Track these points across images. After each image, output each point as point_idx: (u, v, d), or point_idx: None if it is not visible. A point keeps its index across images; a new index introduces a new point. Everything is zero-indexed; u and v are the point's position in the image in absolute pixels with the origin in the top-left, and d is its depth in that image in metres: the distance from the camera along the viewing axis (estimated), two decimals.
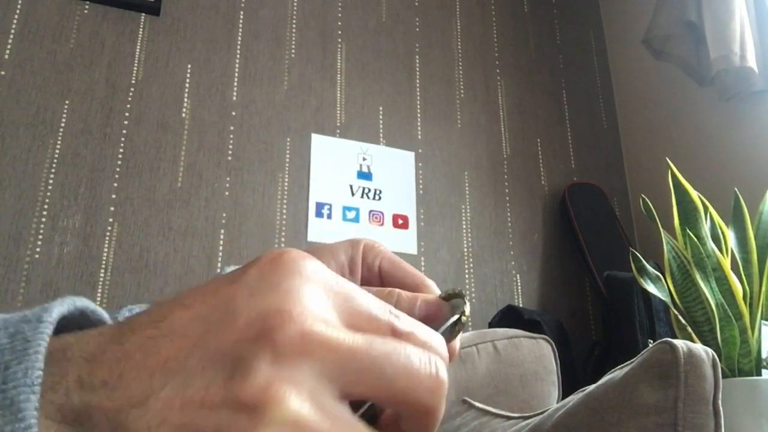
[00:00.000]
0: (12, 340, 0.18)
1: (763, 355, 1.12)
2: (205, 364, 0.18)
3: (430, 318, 0.26)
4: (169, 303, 0.20)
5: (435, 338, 0.22)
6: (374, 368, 0.19)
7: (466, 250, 1.88)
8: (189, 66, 1.73)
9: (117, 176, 1.56)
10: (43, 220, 1.45)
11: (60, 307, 0.19)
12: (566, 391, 1.15)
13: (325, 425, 0.18)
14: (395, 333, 0.21)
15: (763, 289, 1.17)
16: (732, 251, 1.22)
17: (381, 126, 1.91)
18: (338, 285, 0.21)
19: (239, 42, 1.81)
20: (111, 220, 1.51)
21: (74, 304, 0.20)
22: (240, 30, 1.83)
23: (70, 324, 0.21)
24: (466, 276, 1.85)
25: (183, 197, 1.60)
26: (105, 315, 0.23)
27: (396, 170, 1.88)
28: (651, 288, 1.24)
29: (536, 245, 2.00)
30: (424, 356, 0.20)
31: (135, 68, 1.66)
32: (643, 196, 1.33)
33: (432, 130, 1.98)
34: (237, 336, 0.18)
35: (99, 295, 1.44)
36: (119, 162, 1.57)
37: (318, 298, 0.19)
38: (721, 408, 0.65)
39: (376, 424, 0.22)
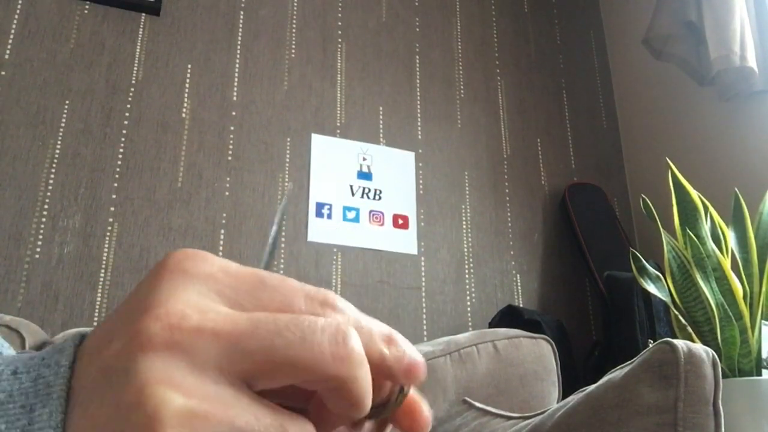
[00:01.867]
0: (35, 384, 0.19)
1: (763, 355, 1.12)
2: (100, 380, 0.18)
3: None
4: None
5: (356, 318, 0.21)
6: (263, 347, 0.18)
7: (466, 250, 1.88)
8: (189, 66, 1.73)
9: (117, 176, 1.56)
10: (43, 220, 1.45)
11: (72, 348, 0.20)
12: (566, 391, 1.15)
13: (216, 413, 0.17)
14: (312, 306, 0.20)
15: (764, 289, 1.17)
16: (732, 251, 1.23)
17: (381, 126, 1.91)
18: (231, 273, 0.20)
19: (239, 42, 1.81)
20: (111, 220, 1.51)
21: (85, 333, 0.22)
22: (240, 30, 1.83)
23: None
24: (466, 276, 1.85)
25: (183, 197, 1.60)
26: None
27: (396, 170, 1.88)
28: (651, 288, 1.24)
29: (536, 245, 2.00)
30: (329, 326, 0.19)
31: (135, 68, 1.66)
32: (643, 196, 1.33)
33: (432, 130, 1.98)
34: (117, 346, 0.18)
35: (99, 295, 1.44)
36: (119, 162, 1.57)
37: (198, 291, 0.19)
38: (721, 408, 0.65)
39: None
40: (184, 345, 0.18)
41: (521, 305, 1.88)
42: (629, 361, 0.73)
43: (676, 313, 1.21)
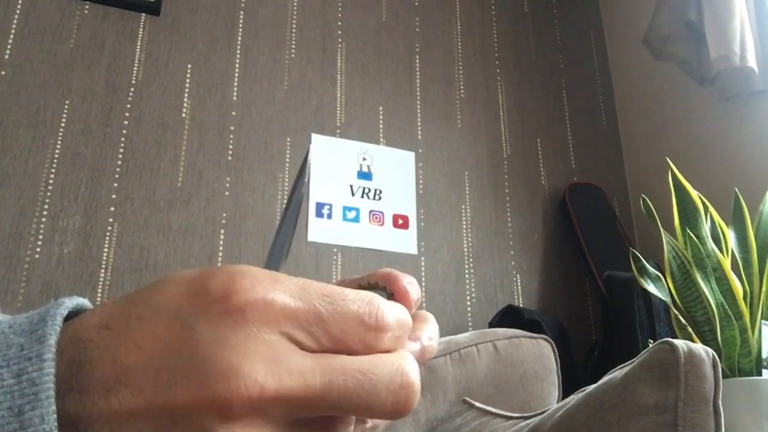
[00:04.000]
0: (19, 382, 0.18)
1: (764, 355, 1.12)
2: (166, 425, 0.19)
3: None
4: (120, 334, 0.20)
5: (405, 346, 0.23)
6: (331, 407, 0.20)
7: (466, 250, 1.88)
8: (189, 66, 1.73)
9: (117, 176, 1.56)
10: (43, 220, 1.45)
11: (54, 336, 0.19)
12: (566, 391, 1.15)
13: None
14: (370, 348, 0.21)
15: (764, 289, 1.17)
16: (732, 251, 1.22)
17: (381, 126, 1.91)
18: (299, 311, 0.20)
19: (239, 42, 1.81)
20: (111, 220, 1.51)
21: (65, 311, 0.21)
22: (240, 30, 1.83)
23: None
24: (466, 276, 1.85)
25: (183, 197, 1.60)
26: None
27: (396, 170, 1.88)
28: (651, 288, 1.24)
29: (536, 245, 2.00)
30: (392, 378, 0.21)
31: (135, 68, 1.66)
32: (643, 196, 1.33)
33: (432, 130, 1.98)
34: (190, 399, 0.19)
35: (99, 295, 1.44)
36: (119, 162, 1.57)
37: (265, 340, 0.20)
38: (721, 408, 0.65)
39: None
40: (262, 411, 0.19)
41: (521, 305, 1.88)
42: (629, 361, 0.73)
43: (676, 313, 1.21)
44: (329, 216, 1.74)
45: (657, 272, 1.28)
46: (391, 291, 0.27)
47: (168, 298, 0.20)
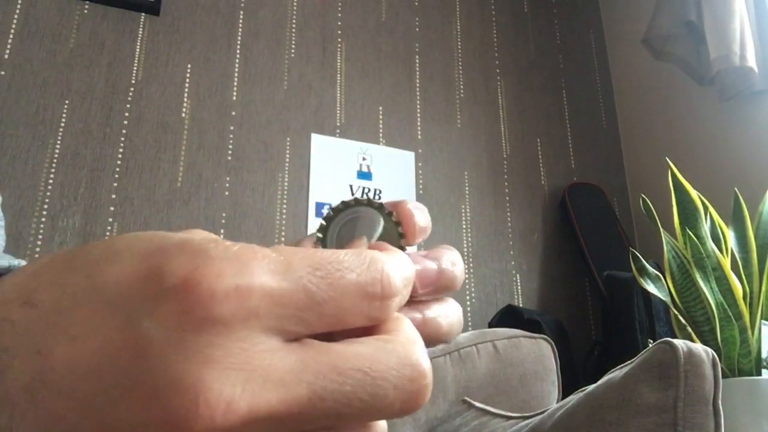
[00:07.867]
0: None
1: (763, 355, 1.12)
2: None
3: None
4: (49, 315, 0.15)
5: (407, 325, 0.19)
6: (330, 417, 0.16)
7: (466, 250, 1.88)
8: (189, 66, 1.73)
9: (117, 176, 1.55)
10: (43, 220, 1.45)
11: None
12: (566, 391, 1.15)
13: None
14: (376, 320, 0.18)
15: (763, 288, 1.17)
16: (732, 251, 1.22)
17: (381, 126, 1.91)
18: (284, 296, 0.16)
19: (239, 42, 1.81)
20: (111, 220, 1.51)
21: None
22: (240, 30, 1.83)
23: None
24: (466, 276, 1.84)
25: (183, 197, 1.60)
26: None
27: (396, 170, 1.88)
28: (651, 288, 1.24)
29: (536, 245, 2.00)
30: (403, 371, 0.17)
31: (135, 68, 1.66)
32: (643, 196, 1.32)
33: (432, 130, 1.98)
34: (135, 418, 0.14)
35: None
36: (119, 162, 1.57)
37: (243, 343, 0.15)
38: (721, 408, 0.65)
39: None
40: None
41: (521, 305, 1.88)
42: (629, 361, 0.73)
43: (676, 313, 1.21)
44: None
45: (657, 272, 1.28)
46: (389, 210, 0.24)
47: (115, 275, 0.15)
